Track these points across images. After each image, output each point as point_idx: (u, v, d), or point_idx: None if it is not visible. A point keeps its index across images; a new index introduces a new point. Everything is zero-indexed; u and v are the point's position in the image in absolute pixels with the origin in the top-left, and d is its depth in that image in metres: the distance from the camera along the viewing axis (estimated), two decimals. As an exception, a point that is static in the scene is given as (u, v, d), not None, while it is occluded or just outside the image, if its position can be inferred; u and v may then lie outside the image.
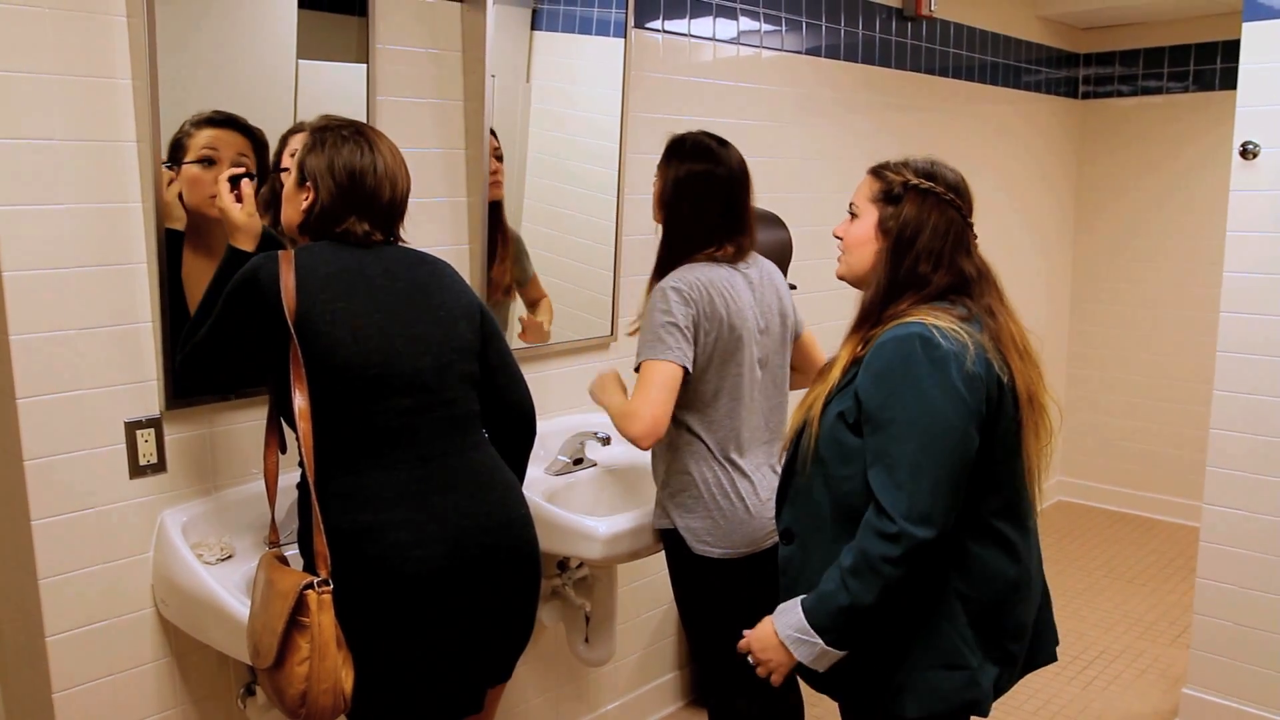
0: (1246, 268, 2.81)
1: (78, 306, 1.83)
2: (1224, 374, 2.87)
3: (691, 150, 2.14)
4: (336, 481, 1.66)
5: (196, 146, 1.92)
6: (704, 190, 2.11)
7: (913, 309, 1.61)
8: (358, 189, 1.73)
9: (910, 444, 1.50)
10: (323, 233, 1.75)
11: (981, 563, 1.60)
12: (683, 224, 2.14)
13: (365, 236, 1.75)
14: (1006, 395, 1.58)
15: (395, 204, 1.79)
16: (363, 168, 1.73)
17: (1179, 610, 3.94)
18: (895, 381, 1.53)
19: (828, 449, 1.62)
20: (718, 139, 2.17)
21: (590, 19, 2.62)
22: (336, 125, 1.78)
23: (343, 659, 1.60)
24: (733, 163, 2.14)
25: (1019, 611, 1.66)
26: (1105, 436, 5.13)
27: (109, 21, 1.81)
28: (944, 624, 1.59)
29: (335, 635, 1.59)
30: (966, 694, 1.61)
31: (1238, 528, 2.88)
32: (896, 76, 3.77)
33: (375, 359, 1.67)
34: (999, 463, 1.59)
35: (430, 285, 1.78)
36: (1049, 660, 1.78)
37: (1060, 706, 3.23)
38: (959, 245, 1.64)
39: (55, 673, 1.87)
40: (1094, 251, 5.12)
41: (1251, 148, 2.77)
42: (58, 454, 1.83)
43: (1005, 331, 1.63)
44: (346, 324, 1.66)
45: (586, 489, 2.57)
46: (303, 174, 1.76)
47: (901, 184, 1.65)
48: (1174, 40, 4.74)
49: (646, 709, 3.10)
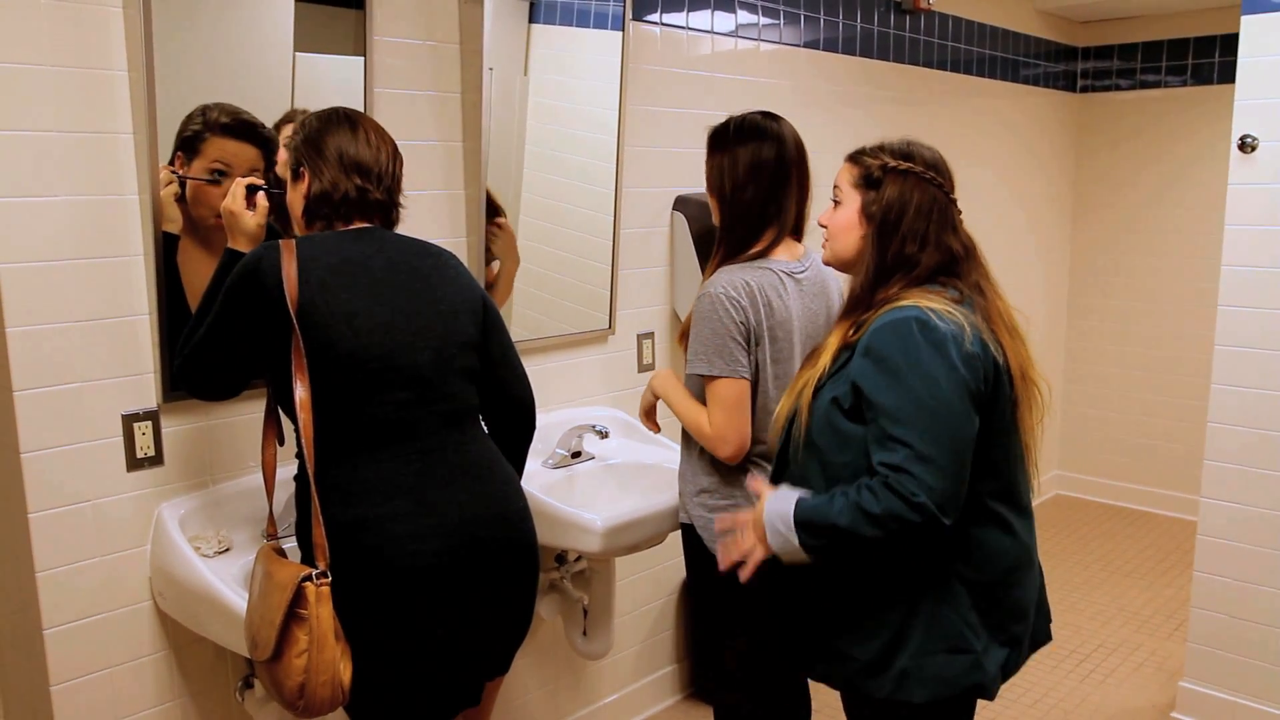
0: (1245, 261, 2.81)
1: (74, 299, 1.83)
2: (1222, 368, 2.87)
3: (736, 132, 2.06)
4: (334, 473, 1.66)
5: (210, 154, 1.92)
6: (759, 169, 2.03)
7: (904, 292, 1.61)
8: (345, 160, 1.74)
9: (918, 428, 1.49)
10: (326, 215, 1.75)
11: (982, 545, 1.61)
12: (740, 209, 2.05)
13: (367, 207, 1.75)
14: (1003, 375, 1.58)
15: (386, 174, 1.78)
16: (348, 140, 1.75)
17: (1176, 604, 3.95)
18: (895, 365, 1.52)
19: (822, 436, 1.62)
20: (766, 114, 2.10)
21: (588, 11, 2.61)
22: (317, 112, 1.81)
23: (341, 651, 1.60)
24: (788, 138, 2.08)
25: (1020, 593, 1.66)
26: (1103, 430, 5.13)
27: (105, 12, 1.81)
28: (946, 608, 1.59)
29: (334, 627, 1.58)
30: (972, 677, 1.61)
31: (1235, 521, 2.88)
32: (895, 70, 3.77)
33: (375, 351, 1.67)
34: (996, 445, 1.60)
35: (433, 277, 1.78)
36: (1045, 639, 1.79)
37: (1057, 700, 3.23)
38: (944, 222, 1.65)
39: (53, 666, 1.87)
40: (1092, 245, 5.12)
41: (1250, 141, 2.77)
42: (55, 447, 1.83)
43: (994, 308, 1.64)
44: (348, 316, 1.66)
45: (585, 482, 2.56)
46: (296, 165, 1.77)
47: (880, 166, 1.66)
48: (1172, 34, 4.73)
49: (645, 702, 3.10)
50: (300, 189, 1.77)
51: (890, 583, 1.61)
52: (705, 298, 2.00)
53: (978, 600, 1.61)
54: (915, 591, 1.60)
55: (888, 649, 1.61)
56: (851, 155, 1.72)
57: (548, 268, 2.66)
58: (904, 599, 1.61)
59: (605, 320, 2.81)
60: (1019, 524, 1.65)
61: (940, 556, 1.59)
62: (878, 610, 1.62)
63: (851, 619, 1.65)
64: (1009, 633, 1.66)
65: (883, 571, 1.61)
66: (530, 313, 2.63)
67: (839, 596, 1.66)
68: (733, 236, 2.07)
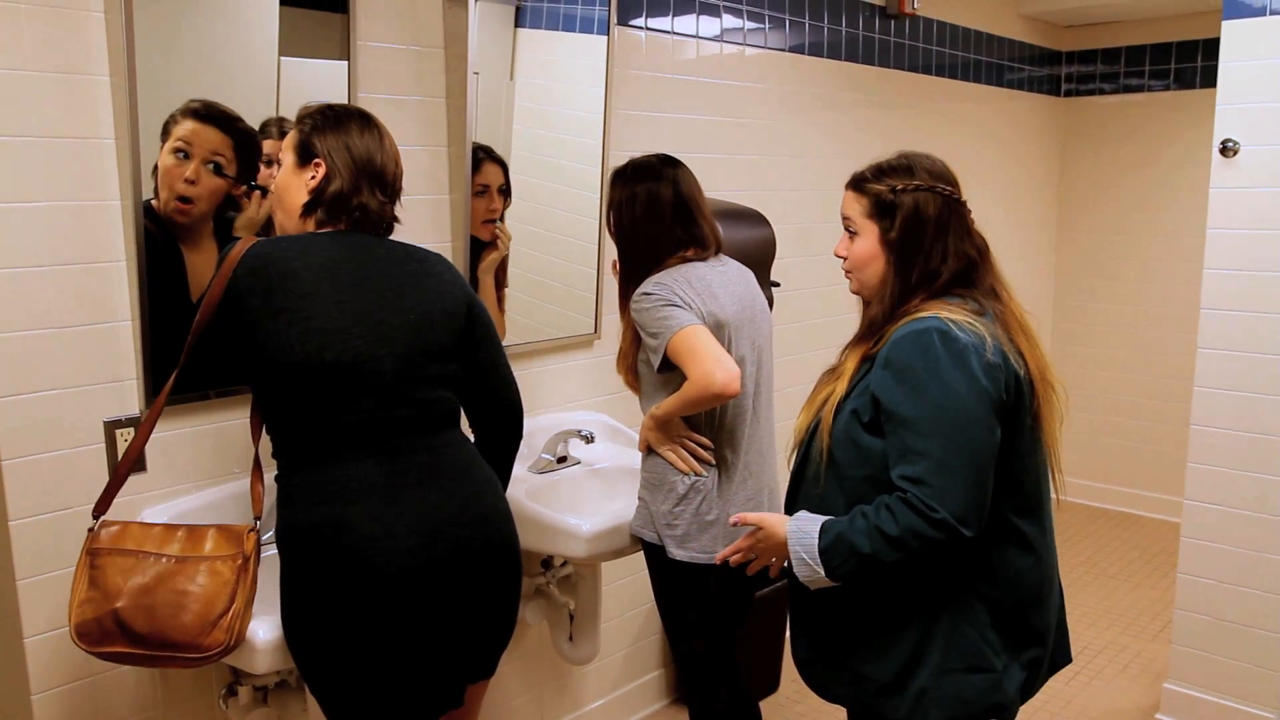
0: (1226, 265, 2.83)
1: (56, 305, 1.82)
2: (1204, 370, 2.89)
3: (634, 173, 2.16)
4: (304, 474, 1.67)
5: (175, 135, 1.90)
6: (652, 209, 2.12)
7: (925, 304, 1.58)
8: (369, 168, 1.74)
9: (939, 440, 1.47)
10: (329, 213, 1.74)
11: (1004, 563, 1.58)
12: (637, 245, 2.14)
13: (374, 215, 1.76)
14: (1024, 386, 1.56)
15: (395, 186, 1.81)
16: (375, 146, 1.76)
17: (1161, 605, 3.97)
18: (917, 376, 1.50)
19: (841, 450, 1.59)
20: (661, 157, 2.19)
21: (574, 16, 2.61)
22: (340, 107, 1.79)
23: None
24: (677, 178, 2.14)
25: (1041, 613, 1.63)
26: (1088, 432, 5.16)
27: (86, 17, 1.80)
28: (966, 626, 1.56)
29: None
30: (992, 697, 1.57)
31: (1218, 523, 2.90)
32: (879, 74, 3.78)
33: (329, 357, 1.65)
34: (1018, 457, 1.57)
35: (406, 285, 1.75)
36: (1066, 661, 1.75)
37: (1043, 701, 3.24)
38: (960, 230, 1.63)
39: (34, 674, 1.86)
40: (1076, 248, 5.15)
41: (1231, 145, 2.79)
42: (36, 454, 1.82)
43: (1009, 312, 1.62)
44: (299, 320, 1.64)
45: (570, 487, 2.56)
46: (309, 151, 1.74)
47: (889, 191, 1.61)
48: (1155, 38, 4.76)
49: (631, 707, 3.10)
50: (304, 177, 1.74)
51: (908, 599, 1.58)
52: (639, 298, 2.06)
53: (998, 619, 1.58)
54: (934, 608, 1.57)
55: (905, 668, 1.58)
56: (854, 183, 1.67)
57: (533, 272, 2.66)
58: (922, 616, 1.57)
59: (591, 325, 2.80)
60: (1040, 541, 1.62)
61: (960, 573, 1.56)
62: (895, 628, 1.59)
63: (868, 637, 1.62)
64: (1029, 653, 1.62)
65: (901, 588, 1.58)
66: (516, 317, 2.62)
67: (855, 614, 1.63)
68: (641, 268, 2.12)
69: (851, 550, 1.51)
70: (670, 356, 2.00)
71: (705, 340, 1.98)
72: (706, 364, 1.95)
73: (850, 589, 1.59)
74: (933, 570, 1.55)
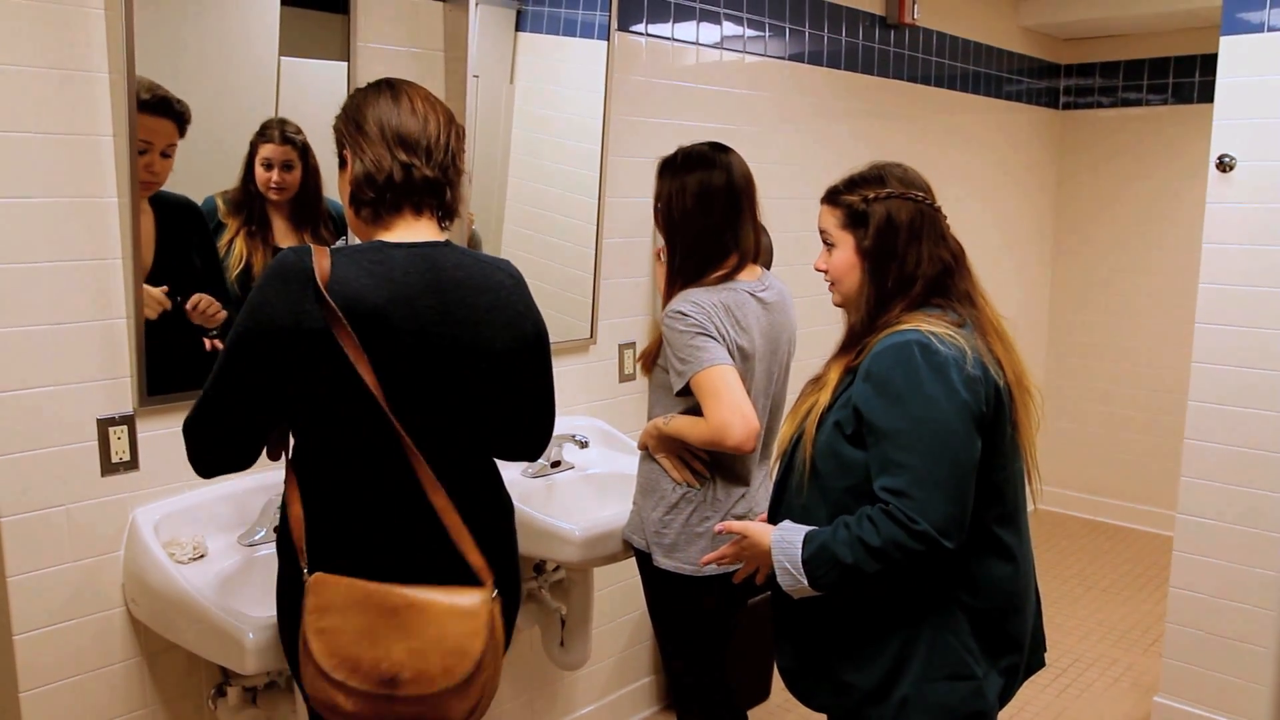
0: (1222, 280, 2.84)
1: (51, 301, 1.81)
2: (1198, 385, 2.90)
3: (684, 161, 2.10)
4: (323, 486, 1.60)
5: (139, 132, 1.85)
6: (704, 200, 2.05)
7: (904, 315, 1.59)
8: (386, 131, 1.54)
9: (920, 452, 1.48)
10: (372, 201, 1.56)
11: (985, 572, 1.59)
12: (687, 239, 2.08)
13: (414, 189, 1.55)
14: (1004, 398, 1.57)
15: (436, 145, 1.57)
16: (389, 108, 1.56)
17: (1153, 619, 3.97)
18: (898, 389, 1.51)
19: (824, 462, 1.60)
20: (714, 145, 2.13)
21: (575, 21, 2.61)
22: (365, 85, 1.63)
23: None
24: (733, 168, 2.09)
25: (1019, 620, 1.65)
26: (1082, 445, 5.16)
27: (85, 13, 1.80)
28: (947, 635, 1.57)
29: None
30: (973, 704, 1.58)
31: (1210, 537, 2.90)
32: (878, 84, 3.79)
33: (378, 414, 1.50)
34: (998, 468, 1.58)
35: (482, 326, 1.58)
36: (1039, 666, 1.77)
37: (1034, 714, 3.24)
38: (935, 235, 1.64)
39: (23, 671, 1.85)
40: (1072, 260, 5.16)
41: (1228, 160, 2.79)
42: (28, 451, 1.81)
43: (985, 318, 1.63)
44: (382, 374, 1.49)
45: (564, 491, 2.56)
46: (339, 144, 1.62)
47: (861, 201, 1.64)
48: (1153, 53, 4.78)
49: (622, 713, 3.09)
50: (346, 176, 1.60)
51: (890, 609, 1.59)
52: (673, 315, 2.00)
53: (978, 627, 1.59)
54: (916, 617, 1.58)
55: (888, 676, 1.59)
56: (828, 197, 1.70)
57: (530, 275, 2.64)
58: (904, 625, 1.58)
59: (587, 329, 2.80)
60: (1019, 549, 1.64)
61: (942, 582, 1.57)
62: (877, 637, 1.60)
63: (851, 646, 1.63)
64: (1007, 660, 1.64)
65: (883, 597, 1.59)
66: (512, 321, 2.62)
67: (838, 623, 1.64)
68: (689, 264, 2.08)
69: (834, 560, 1.52)
70: (693, 388, 1.98)
71: (731, 385, 1.94)
72: (725, 414, 1.92)
73: (833, 598, 1.60)
74: (915, 580, 1.56)
